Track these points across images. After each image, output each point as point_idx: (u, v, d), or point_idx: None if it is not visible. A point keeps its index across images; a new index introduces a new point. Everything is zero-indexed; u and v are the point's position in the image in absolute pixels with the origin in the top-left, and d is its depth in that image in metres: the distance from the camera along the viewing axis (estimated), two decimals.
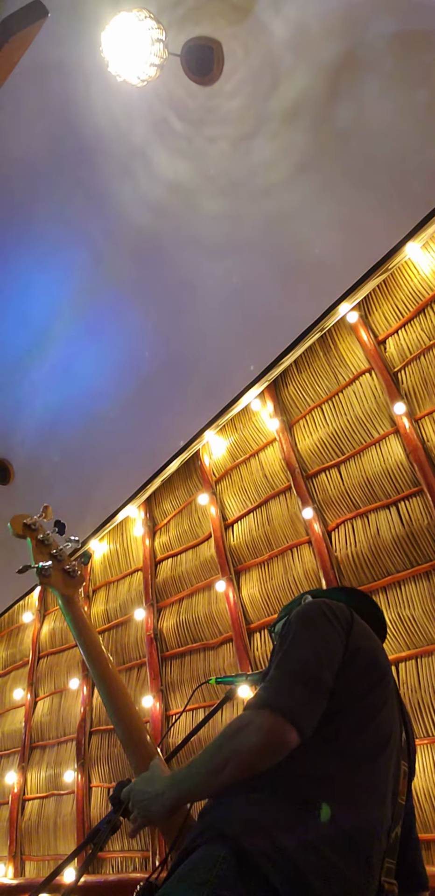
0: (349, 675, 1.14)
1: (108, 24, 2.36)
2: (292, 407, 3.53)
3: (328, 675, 1.09)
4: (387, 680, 1.22)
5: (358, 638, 1.21)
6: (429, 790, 2.42)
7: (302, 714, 1.01)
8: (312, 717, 1.03)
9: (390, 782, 1.12)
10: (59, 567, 1.76)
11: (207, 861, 0.91)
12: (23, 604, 5.28)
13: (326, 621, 1.19)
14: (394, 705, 1.22)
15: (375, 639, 1.30)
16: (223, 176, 2.94)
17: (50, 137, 2.94)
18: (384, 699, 1.18)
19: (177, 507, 4.08)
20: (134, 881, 3.23)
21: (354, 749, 1.08)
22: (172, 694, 3.64)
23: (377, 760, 1.10)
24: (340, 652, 1.14)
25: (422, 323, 3.02)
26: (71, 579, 1.76)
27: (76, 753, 4.06)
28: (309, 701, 1.04)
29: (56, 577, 1.73)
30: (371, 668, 1.20)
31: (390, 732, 1.16)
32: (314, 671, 1.07)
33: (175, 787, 1.13)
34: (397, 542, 2.82)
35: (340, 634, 1.18)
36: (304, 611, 1.24)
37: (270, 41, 2.55)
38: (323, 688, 1.07)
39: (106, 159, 3.00)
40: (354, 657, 1.17)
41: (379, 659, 1.24)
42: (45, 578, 1.69)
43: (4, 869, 4.21)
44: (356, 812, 1.01)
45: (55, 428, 4.13)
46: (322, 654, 1.11)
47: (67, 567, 1.76)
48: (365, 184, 2.74)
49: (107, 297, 3.50)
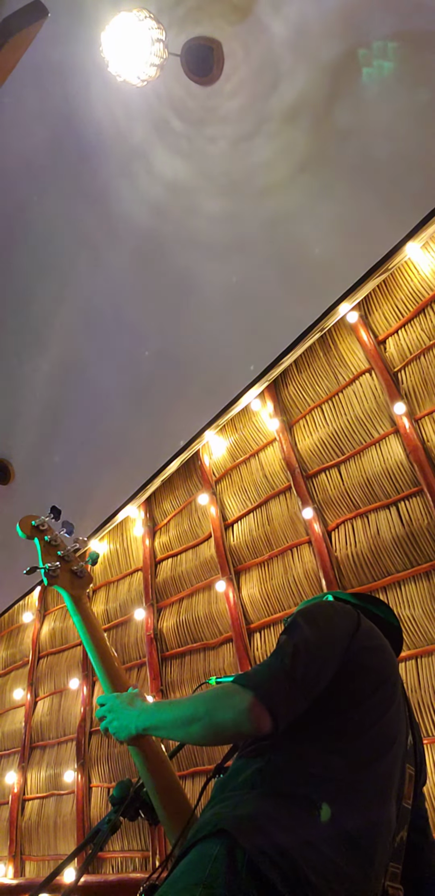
0: (354, 675, 1.14)
1: (108, 24, 2.36)
2: (292, 407, 3.53)
3: (320, 676, 1.09)
4: (394, 681, 1.21)
5: (364, 639, 1.21)
6: (430, 790, 2.42)
7: (282, 708, 1.01)
8: (291, 714, 1.03)
9: (395, 784, 1.11)
10: (67, 568, 1.75)
11: (202, 860, 0.91)
12: (23, 604, 5.28)
13: (329, 620, 1.19)
14: (401, 708, 1.21)
15: (384, 641, 1.29)
16: (223, 176, 2.94)
17: (50, 137, 2.94)
18: (391, 701, 1.17)
19: (177, 507, 4.08)
20: (134, 881, 3.24)
21: (358, 749, 1.07)
22: (172, 694, 3.64)
23: (381, 761, 1.09)
24: (339, 654, 1.14)
25: (422, 323, 3.02)
26: (78, 580, 1.75)
27: (76, 753, 4.06)
28: (293, 698, 1.04)
29: (64, 577, 1.72)
30: (377, 669, 1.19)
31: (396, 734, 1.15)
32: (305, 669, 1.07)
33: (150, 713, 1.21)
34: (397, 542, 2.82)
35: (343, 635, 1.17)
36: (309, 608, 1.24)
37: (270, 41, 2.55)
38: (310, 688, 1.07)
39: (106, 159, 3.00)
40: (358, 658, 1.16)
41: (386, 660, 1.23)
42: (53, 579, 1.68)
43: (4, 869, 4.21)
44: (358, 812, 1.00)
45: (55, 428, 4.13)
46: (318, 654, 1.11)
47: (75, 568, 1.76)
48: (365, 184, 2.74)
49: (107, 297, 3.50)
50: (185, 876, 0.90)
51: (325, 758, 1.05)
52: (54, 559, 1.74)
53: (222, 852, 0.90)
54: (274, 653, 1.11)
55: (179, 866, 0.95)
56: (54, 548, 1.77)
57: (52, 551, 1.76)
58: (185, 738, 1.13)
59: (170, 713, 1.16)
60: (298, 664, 1.07)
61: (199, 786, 3.28)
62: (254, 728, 1.00)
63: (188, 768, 3.34)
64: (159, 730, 1.18)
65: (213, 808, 1.05)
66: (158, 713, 1.20)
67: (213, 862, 0.89)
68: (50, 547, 1.77)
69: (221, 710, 1.04)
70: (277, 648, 1.11)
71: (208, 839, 0.94)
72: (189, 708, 1.09)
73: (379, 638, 1.27)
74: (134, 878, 3.33)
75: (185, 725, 1.08)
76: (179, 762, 3.37)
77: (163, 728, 1.17)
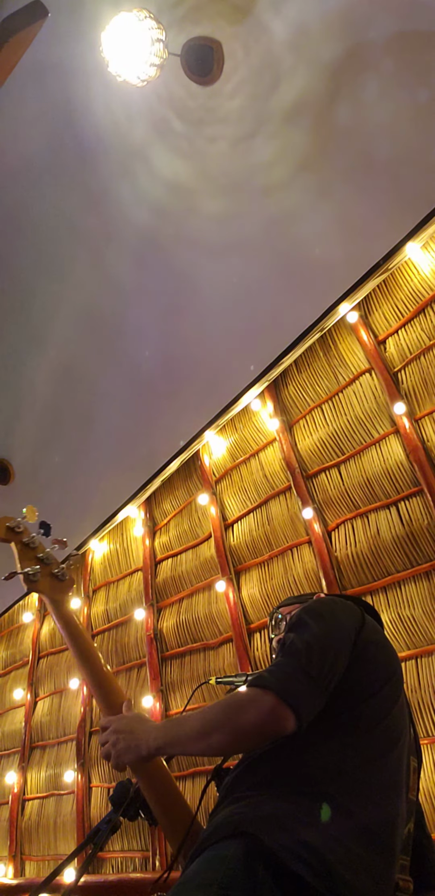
0: (363, 671, 1.14)
1: (108, 24, 2.36)
2: (292, 407, 3.53)
3: (334, 671, 1.09)
4: (398, 677, 1.23)
5: (370, 634, 1.22)
6: (429, 790, 2.42)
7: (304, 705, 1.01)
8: (312, 711, 1.03)
9: (404, 776, 1.12)
10: (47, 571, 1.66)
11: (217, 861, 0.90)
12: (23, 604, 5.28)
13: (334, 616, 1.20)
14: (404, 700, 1.23)
15: (386, 637, 1.31)
16: (223, 176, 2.94)
17: (50, 137, 2.94)
18: (397, 695, 1.19)
19: (177, 507, 4.08)
20: (134, 881, 3.24)
21: (370, 743, 1.08)
22: (172, 694, 3.64)
23: (391, 755, 1.10)
24: (348, 648, 1.15)
25: (422, 323, 3.02)
26: (60, 583, 1.67)
27: (76, 753, 4.06)
28: (313, 695, 1.04)
29: (44, 582, 1.63)
30: (384, 664, 1.20)
31: (403, 728, 1.17)
32: (321, 666, 1.07)
33: (163, 731, 1.14)
34: (397, 542, 2.82)
35: (349, 632, 1.18)
36: (312, 604, 1.24)
37: (270, 41, 2.55)
38: (327, 684, 1.07)
39: (106, 159, 3.00)
40: (366, 654, 1.17)
41: (391, 656, 1.25)
42: (32, 584, 1.60)
43: (4, 869, 4.21)
44: (374, 805, 1.01)
45: (55, 428, 4.13)
46: (330, 649, 1.11)
47: (56, 571, 1.67)
48: (365, 184, 2.74)
49: (107, 296, 3.50)
50: (199, 876, 0.90)
51: (339, 753, 1.05)
52: (33, 563, 1.66)
53: (238, 853, 0.89)
54: (286, 652, 1.10)
55: (192, 866, 0.94)
56: (32, 551, 1.69)
57: (30, 554, 1.68)
58: (205, 750, 1.08)
59: (186, 728, 1.10)
60: (313, 661, 1.06)
61: (199, 786, 3.28)
62: (279, 728, 0.99)
63: (188, 769, 3.34)
64: (175, 746, 1.14)
65: (226, 808, 1.04)
66: (172, 729, 1.14)
67: (230, 862, 0.88)
68: (28, 550, 1.69)
69: (243, 714, 1.02)
70: (288, 647, 1.10)
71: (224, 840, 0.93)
72: (207, 718, 1.06)
73: (382, 633, 1.29)
74: (134, 878, 3.33)
75: (204, 737, 1.05)
76: (179, 762, 3.37)
77: (179, 744, 1.12)
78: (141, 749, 1.13)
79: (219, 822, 1.00)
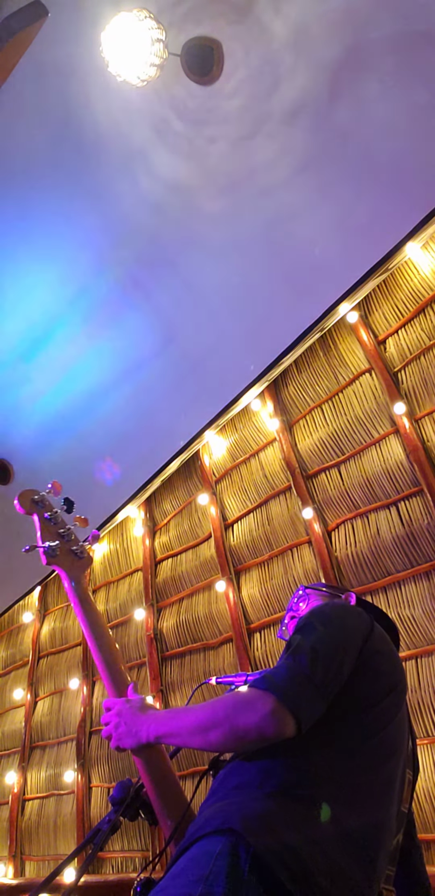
0: (366, 681, 1.14)
1: (108, 24, 2.36)
2: (292, 407, 3.53)
3: (338, 677, 1.08)
4: (402, 689, 1.22)
5: (377, 643, 1.21)
6: (429, 790, 2.42)
7: (305, 711, 1.01)
8: (312, 716, 1.03)
9: (397, 788, 1.12)
10: (67, 547, 1.67)
11: (204, 856, 0.90)
12: (23, 604, 5.28)
13: (342, 622, 1.19)
14: (405, 713, 1.22)
15: (393, 647, 1.30)
16: (223, 176, 2.94)
17: (50, 137, 2.94)
18: (398, 707, 1.18)
19: (177, 507, 4.08)
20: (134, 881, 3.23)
21: (365, 752, 1.08)
22: (172, 694, 3.64)
23: (386, 765, 1.10)
24: (353, 655, 1.14)
25: (422, 323, 3.02)
26: (78, 561, 1.68)
27: (76, 753, 4.06)
28: (314, 700, 1.04)
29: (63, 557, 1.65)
30: (388, 673, 1.19)
31: (401, 740, 1.16)
32: (325, 671, 1.06)
33: (164, 721, 1.17)
34: (397, 542, 2.82)
35: (356, 637, 1.17)
36: (321, 608, 1.23)
37: (270, 41, 2.55)
38: (330, 690, 1.06)
39: (106, 159, 3.00)
40: (371, 662, 1.16)
41: (396, 666, 1.24)
42: (52, 559, 1.61)
43: (4, 869, 4.21)
44: (362, 814, 1.00)
45: (55, 428, 4.13)
46: (335, 655, 1.10)
47: (75, 548, 1.68)
48: (365, 184, 2.74)
49: (107, 297, 3.50)
50: (186, 871, 0.89)
51: (331, 759, 1.05)
52: (54, 538, 1.67)
53: (225, 850, 0.89)
54: (290, 654, 1.09)
55: (180, 861, 0.93)
56: (54, 526, 1.70)
57: (52, 529, 1.69)
58: (202, 745, 1.08)
59: (185, 720, 1.11)
60: (317, 666, 1.06)
61: None
62: (278, 732, 0.98)
63: (188, 768, 3.34)
64: (174, 737, 1.15)
65: (215, 803, 1.04)
66: (173, 720, 1.16)
67: (216, 859, 0.88)
68: (49, 525, 1.70)
69: (243, 714, 1.01)
70: (293, 650, 1.10)
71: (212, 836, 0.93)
72: (207, 714, 1.06)
73: (389, 643, 1.28)
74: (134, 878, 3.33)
75: (203, 732, 1.05)
76: (179, 762, 3.37)
77: (178, 735, 1.13)
78: (141, 736, 1.18)
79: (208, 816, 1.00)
